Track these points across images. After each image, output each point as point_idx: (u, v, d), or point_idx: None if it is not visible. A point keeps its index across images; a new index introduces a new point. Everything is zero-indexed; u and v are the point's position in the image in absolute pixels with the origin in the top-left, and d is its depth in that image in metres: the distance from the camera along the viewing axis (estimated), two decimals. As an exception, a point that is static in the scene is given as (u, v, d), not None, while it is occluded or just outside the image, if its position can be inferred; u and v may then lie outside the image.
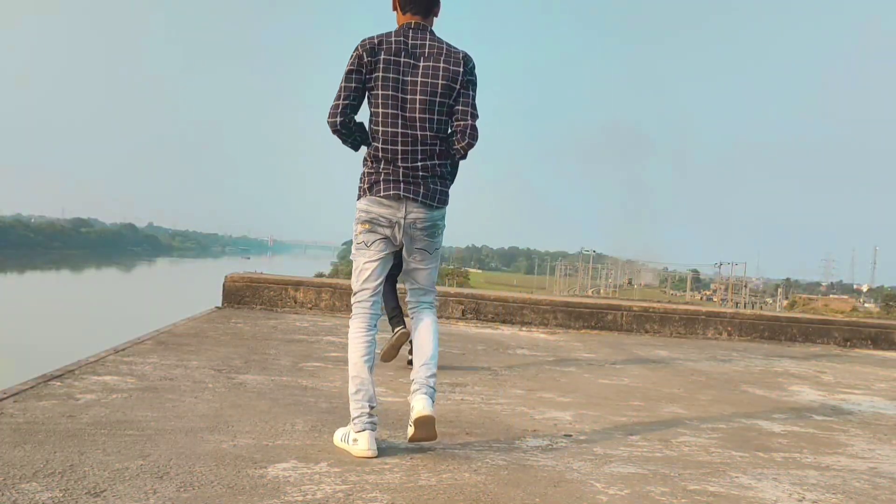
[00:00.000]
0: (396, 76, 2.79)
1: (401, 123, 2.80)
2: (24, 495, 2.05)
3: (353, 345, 2.84)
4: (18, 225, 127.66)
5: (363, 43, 2.81)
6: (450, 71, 2.82)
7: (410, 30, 2.86)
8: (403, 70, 2.80)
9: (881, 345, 8.86)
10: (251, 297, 7.63)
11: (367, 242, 2.87)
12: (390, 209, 2.81)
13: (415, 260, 2.95)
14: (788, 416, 4.17)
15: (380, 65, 2.78)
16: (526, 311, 8.13)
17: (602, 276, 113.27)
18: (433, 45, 2.85)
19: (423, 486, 2.41)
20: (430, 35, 2.88)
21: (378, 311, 2.93)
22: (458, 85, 2.84)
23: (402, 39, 2.83)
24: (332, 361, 4.71)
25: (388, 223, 2.83)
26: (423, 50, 2.83)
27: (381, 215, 2.82)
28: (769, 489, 2.69)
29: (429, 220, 2.87)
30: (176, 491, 2.17)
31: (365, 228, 2.86)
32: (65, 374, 3.62)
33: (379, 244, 2.87)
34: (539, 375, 4.86)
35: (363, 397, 2.76)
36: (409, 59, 2.81)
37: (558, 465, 2.79)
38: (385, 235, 2.85)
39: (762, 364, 6.46)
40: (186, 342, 4.95)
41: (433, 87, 2.81)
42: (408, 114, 2.80)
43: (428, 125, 2.82)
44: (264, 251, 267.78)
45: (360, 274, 2.90)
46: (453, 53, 2.86)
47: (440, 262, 3.10)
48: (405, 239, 2.88)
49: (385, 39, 2.82)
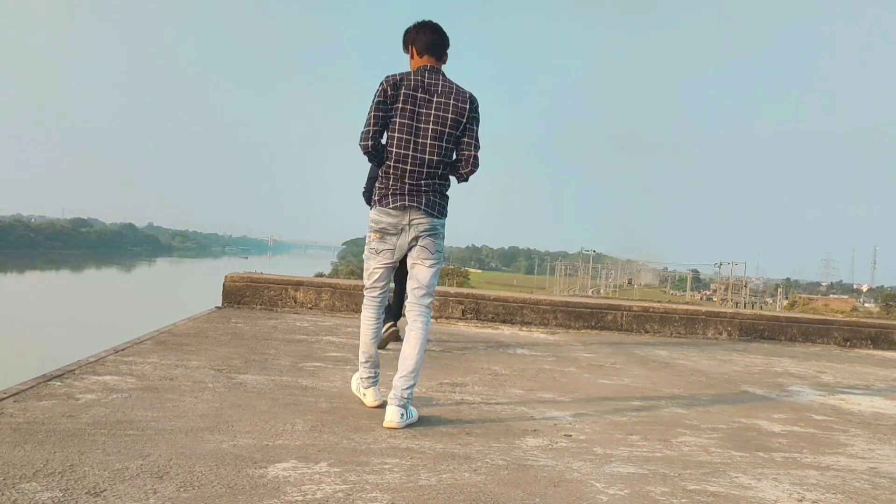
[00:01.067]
0: (413, 108, 3.26)
1: (412, 147, 3.27)
2: (24, 495, 2.05)
3: (364, 328, 3.48)
4: (18, 225, 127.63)
5: (388, 79, 3.28)
6: (458, 108, 3.30)
7: (426, 71, 3.34)
8: (419, 103, 3.27)
9: (881, 345, 8.86)
10: (251, 297, 7.64)
11: (376, 250, 3.39)
12: (396, 218, 3.30)
13: (419, 258, 3.36)
14: (788, 416, 4.17)
15: (400, 98, 3.26)
16: (526, 311, 8.13)
17: (602, 276, 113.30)
18: (445, 85, 3.33)
19: (423, 486, 2.41)
20: (442, 77, 3.36)
21: (385, 302, 3.54)
22: (464, 119, 3.32)
23: (420, 78, 3.30)
24: (332, 361, 4.71)
25: (395, 229, 3.32)
26: (436, 88, 3.31)
27: (390, 224, 3.32)
28: (769, 489, 2.69)
29: (429, 225, 3.32)
30: (176, 491, 2.17)
31: (376, 237, 3.37)
32: (65, 374, 3.62)
33: (386, 253, 3.38)
34: (539, 375, 4.86)
35: (370, 365, 3.48)
36: (425, 94, 3.28)
37: (558, 465, 2.79)
38: (393, 246, 3.35)
39: (762, 364, 6.46)
40: (186, 342, 4.95)
41: (443, 119, 3.28)
42: (420, 140, 3.27)
43: (436, 151, 3.28)
44: (264, 251, 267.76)
45: (371, 275, 3.45)
46: (462, 93, 3.33)
47: (441, 265, 3.47)
48: (410, 241, 3.32)
49: (406, 77, 3.30)
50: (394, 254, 3.36)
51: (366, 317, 3.48)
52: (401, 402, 3.17)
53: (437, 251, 3.36)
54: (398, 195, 3.27)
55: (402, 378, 3.21)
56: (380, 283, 3.45)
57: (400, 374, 3.22)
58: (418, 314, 3.34)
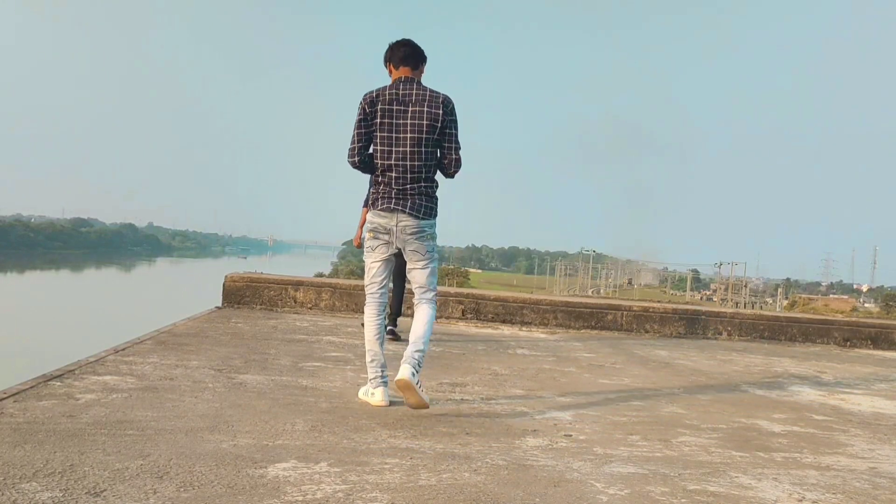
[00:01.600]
0: (391, 120, 3.53)
1: (395, 157, 3.53)
2: (24, 495, 2.05)
3: (367, 326, 3.64)
4: (18, 225, 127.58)
5: (365, 98, 3.55)
6: (432, 114, 3.53)
7: (401, 82, 3.58)
8: (396, 115, 3.53)
9: (881, 345, 8.86)
10: (251, 297, 7.64)
11: (372, 247, 3.63)
12: (386, 219, 3.55)
13: (411, 261, 3.61)
14: (788, 416, 4.17)
15: (378, 113, 3.53)
16: (526, 311, 8.13)
17: (602, 276, 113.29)
18: (419, 93, 3.56)
19: (423, 486, 2.41)
20: (416, 85, 3.59)
21: (385, 301, 3.71)
22: (440, 124, 3.55)
23: (395, 91, 3.55)
24: (332, 361, 4.71)
25: (385, 230, 3.56)
26: (410, 98, 3.54)
27: (380, 225, 3.56)
28: (769, 489, 2.69)
29: (416, 227, 3.54)
30: (176, 491, 2.17)
31: (370, 236, 3.62)
32: (65, 374, 3.63)
33: (381, 248, 3.61)
34: (539, 375, 4.86)
35: (377, 364, 3.59)
36: (400, 105, 3.53)
37: (558, 465, 2.79)
38: (385, 241, 3.58)
39: (762, 364, 6.46)
40: (186, 342, 4.95)
41: (420, 126, 3.52)
42: (400, 148, 3.53)
43: (417, 157, 3.53)
44: (264, 251, 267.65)
45: (369, 271, 3.66)
46: (435, 98, 3.56)
47: (438, 264, 3.70)
48: (400, 243, 3.56)
49: (381, 92, 3.56)
50: (388, 248, 3.60)
51: (367, 314, 3.66)
52: (411, 361, 3.42)
53: (428, 251, 3.60)
54: (386, 199, 3.55)
55: (412, 343, 3.48)
56: (378, 279, 3.65)
57: (411, 341, 3.50)
58: (424, 302, 3.61)
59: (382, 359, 3.60)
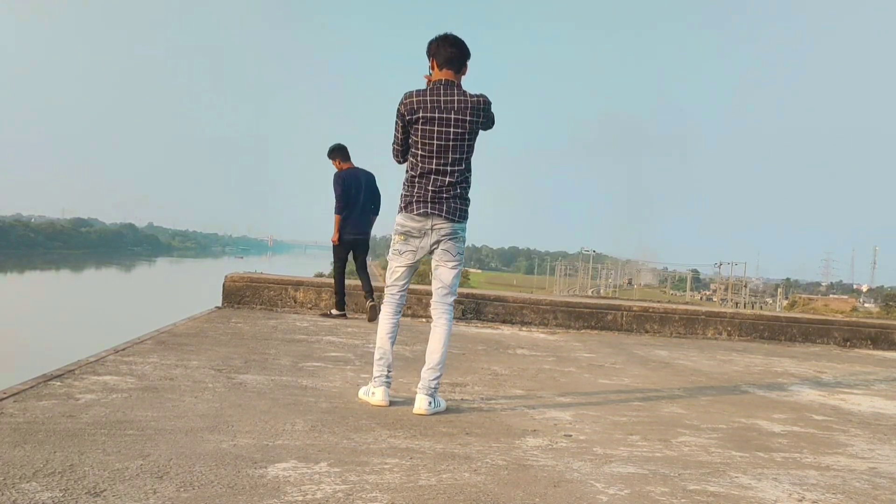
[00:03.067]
0: (431, 128, 3.52)
1: (435, 163, 3.54)
2: (24, 495, 2.05)
3: (382, 323, 3.65)
4: (18, 225, 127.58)
5: (405, 103, 3.55)
6: (470, 122, 3.53)
7: (443, 87, 3.55)
8: (438, 123, 3.51)
9: (881, 345, 8.86)
10: (251, 297, 7.64)
11: (400, 251, 3.64)
12: (420, 223, 3.56)
13: (440, 260, 3.62)
14: (788, 417, 4.17)
15: (418, 115, 3.53)
16: (526, 311, 8.13)
17: (602, 276, 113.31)
18: (461, 100, 3.53)
19: (423, 486, 2.41)
20: (457, 90, 3.55)
21: (403, 302, 3.72)
22: (477, 128, 3.57)
23: (436, 98, 3.53)
24: (332, 361, 4.71)
25: (419, 233, 3.57)
26: (452, 105, 3.52)
27: (414, 228, 3.58)
28: (769, 489, 2.69)
29: (450, 229, 3.56)
30: (176, 491, 2.17)
31: (401, 240, 3.62)
32: (65, 374, 3.62)
33: (408, 255, 3.63)
34: (539, 375, 4.86)
35: (384, 363, 3.57)
36: (442, 114, 3.51)
37: (558, 465, 2.79)
38: (414, 248, 3.60)
39: (762, 364, 6.46)
40: (186, 342, 4.95)
41: (460, 135, 3.53)
42: (441, 156, 3.53)
43: (453, 161, 3.54)
44: (264, 251, 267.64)
45: (392, 274, 3.69)
46: (474, 103, 3.54)
47: (462, 266, 3.72)
48: (433, 244, 3.57)
49: (423, 101, 3.54)
50: (415, 255, 3.62)
51: (384, 313, 3.68)
52: (428, 391, 3.48)
53: (458, 253, 3.63)
54: (422, 202, 3.54)
55: (429, 370, 3.51)
56: (400, 282, 3.68)
57: (427, 367, 3.52)
58: (442, 312, 3.61)
59: (391, 358, 3.60)
